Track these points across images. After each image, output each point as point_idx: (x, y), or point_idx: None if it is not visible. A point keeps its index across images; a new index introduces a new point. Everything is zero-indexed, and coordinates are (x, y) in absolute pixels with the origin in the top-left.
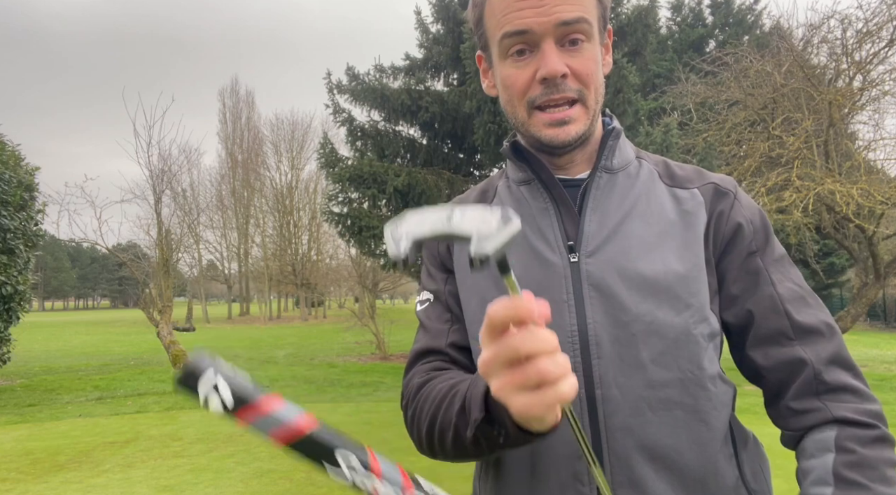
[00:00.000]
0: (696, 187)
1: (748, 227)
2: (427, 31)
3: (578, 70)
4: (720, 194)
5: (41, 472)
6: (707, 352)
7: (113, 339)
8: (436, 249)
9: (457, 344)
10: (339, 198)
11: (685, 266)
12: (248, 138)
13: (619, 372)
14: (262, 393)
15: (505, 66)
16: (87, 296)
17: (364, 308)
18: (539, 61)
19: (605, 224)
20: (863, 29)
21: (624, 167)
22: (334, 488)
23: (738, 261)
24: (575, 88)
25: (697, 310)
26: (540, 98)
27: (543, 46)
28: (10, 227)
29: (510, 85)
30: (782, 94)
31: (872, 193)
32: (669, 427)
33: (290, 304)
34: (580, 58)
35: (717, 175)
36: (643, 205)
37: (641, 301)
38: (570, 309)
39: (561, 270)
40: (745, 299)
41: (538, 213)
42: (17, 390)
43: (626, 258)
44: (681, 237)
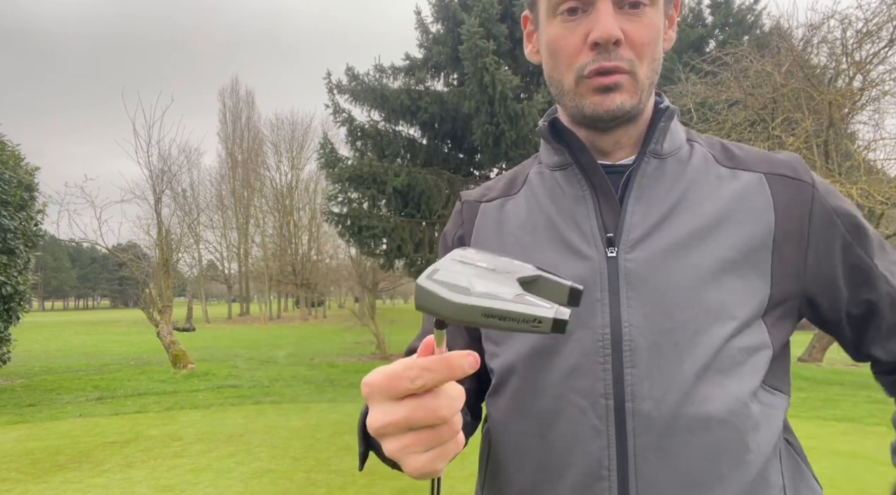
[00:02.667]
0: (764, 173)
1: (837, 220)
2: (427, 31)
3: (634, 37)
4: (797, 188)
5: (41, 472)
6: (750, 367)
7: (113, 339)
8: (448, 239)
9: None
10: (339, 198)
11: (736, 271)
12: (248, 138)
13: (655, 384)
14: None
15: (553, 25)
16: (87, 296)
17: (364, 308)
18: (592, 22)
19: (650, 215)
20: (863, 29)
21: (674, 151)
22: (334, 488)
23: (836, 261)
24: (627, 58)
25: (744, 321)
26: (590, 65)
27: (598, 5)
28: (10, 227)
29: (557, 48)
30: (782, 94)
31: (872, 193)
32: (708, 450)
33: (290, 304)
34: (639, 23)
35: (785, 157)
36: (694, 194)
37: (688, 306)
38: (604, 308)
39: (596, 265)
40: (858, 296)
41: (574, 202)
42: (17, 390)
43: (673, 255)
44: (737, 234)
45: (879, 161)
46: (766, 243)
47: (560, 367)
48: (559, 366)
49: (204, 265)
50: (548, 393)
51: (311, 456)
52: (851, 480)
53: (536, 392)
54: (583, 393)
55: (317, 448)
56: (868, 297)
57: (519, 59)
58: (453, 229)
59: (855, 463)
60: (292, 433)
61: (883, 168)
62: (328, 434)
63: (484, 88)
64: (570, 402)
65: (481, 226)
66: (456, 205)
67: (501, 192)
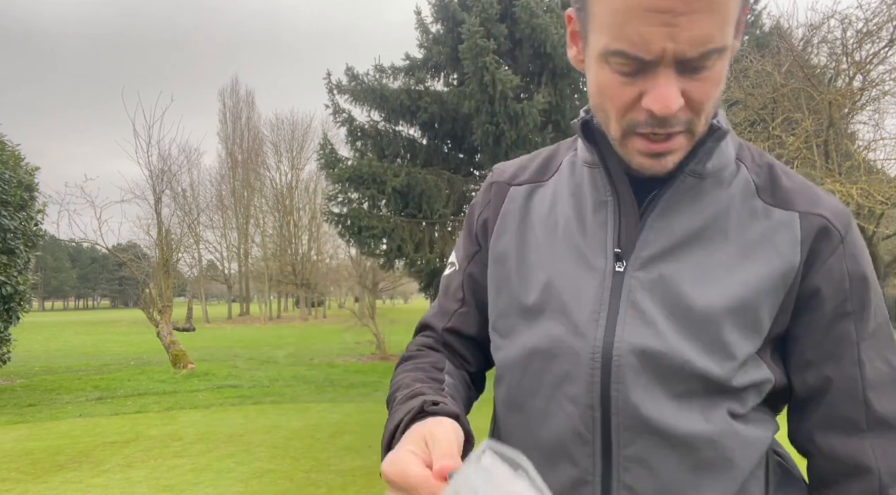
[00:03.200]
0: (800, 212)
1: (844, 285)
2: (427, 31)
3: (696, 97)
4: (825, 234)
5: (41, 472)
6: (742, 400)
7: (113, 339)
8: (474, 216)
9: (455, 329)
10: (339, 198)
11: (745, 312)
12: (248, 138)
13: (641, 403)
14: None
15: (603, 73)
16: (87, 296)
17: (364, 308)
18: (649, 85)
19: (669, 236)
20: (863, 29)
21: (717, 172)
22: (334, 488)
23: (824, 323)
24: (685, 119)
25: (743, 362)
26: (642, 127)
27: (659, 74)
28: (10, 227)
29: (607, 96)
30: (782, 94)
31: (872, 193)
32: (690, 466)
33: (290, 304)
34: (702, 82)
35: (832, 202)
36: (722, 225)
37: (683, 337)
38: (600, 322)
39: (601, 278)
40: (821, 369)
41: (595, 207)
42: (17, 390)
43: (682, 281)
44: (754, 277)
45: (879, 161)
46: (786, 282)
47: (554, 371)
48: (554, 370)
49: (204, 265)
50: (541, 394)
51: (311, 456)
52: None
53: (531, 391)
54: (573, 399)
55: (317, 448)
56: (829, 374)
57: (519, 58)
58: (479, 208)
59: None
60: (292, 433)
61: (883, 168)
62: (328, 434)
63: (484, 88)
64: (560, 407)
65: (506, 213)
66: (488, 178)
67: (533, 177)
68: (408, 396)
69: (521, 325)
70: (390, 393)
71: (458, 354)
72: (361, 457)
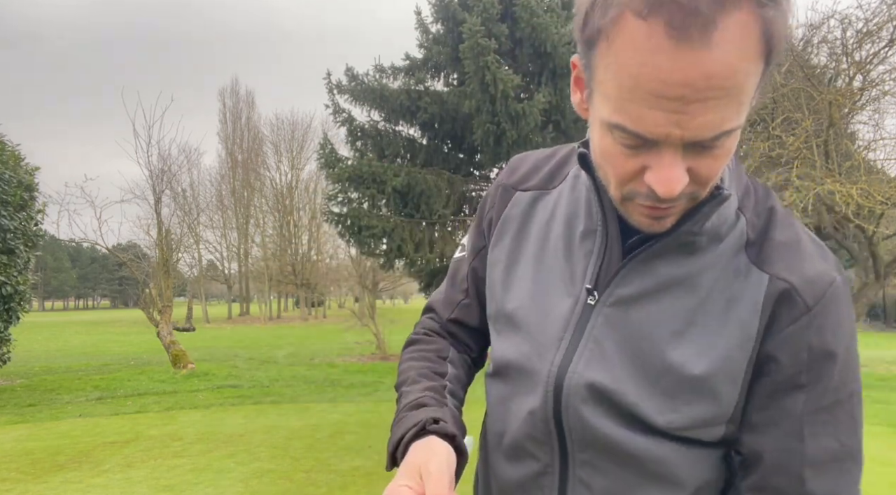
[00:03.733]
0: (770, 274)
1: (801, 356)
2: (427, 31)
3: (702, 176)
4: (787, 302)
5: (41, 472)
6: (680, 455)
7: (113, 339)
8: (484, 211)
9: (459, 320)
10: (339, 198)
11: (700, 375)
12: (248, 138)
13: (588, 429)
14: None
15: (606, 140)
16: (87, 296)
17: (364, 308)
18: (653, 161)
19: (646, 281)
20: (863, 29)
21: (714, 229)
22: (334, 488)
23: (773, 389)
24: (689, 192)
25: (688, 418)
26: (642, 199)
27: (664, 153)
28: (10, 227)
29: (608, 161)
30: (782, 94)
31: (872, 193)
32: (637, 478)
33: (290, 304)
34: (710, 160)
35: (812, 268)
36: (705, 278)
37: (631, 381)
38: (560, 349)
39: (572, 305)
40: (762, 434)
41: (585, 232)
42: (17, 390)
43: (647, 328)
44: (717, 341)
45: (879, 161)
46: (744, 353)
47: (520, 381)
48: (520, 380)
49: (204, 265)
50: (514, 397)
51: (311, 456)
52: None
53: (507, 392)
54: (531, 412)
55: (317, 448)
56: (768, 441)
57: (519, 58)
58: (489, 205)
59: None
60: (292, 433)
61: (883, 168)
62: (328, 434)
63: (485, 87)
64: (523, 414)
65: (508, 219)
66: (500, 176)
67: (541, 184)
68: (413, 405)
69: (504, 330)
70: (398, 383)
71: (461, 341)
72: (361, 457)
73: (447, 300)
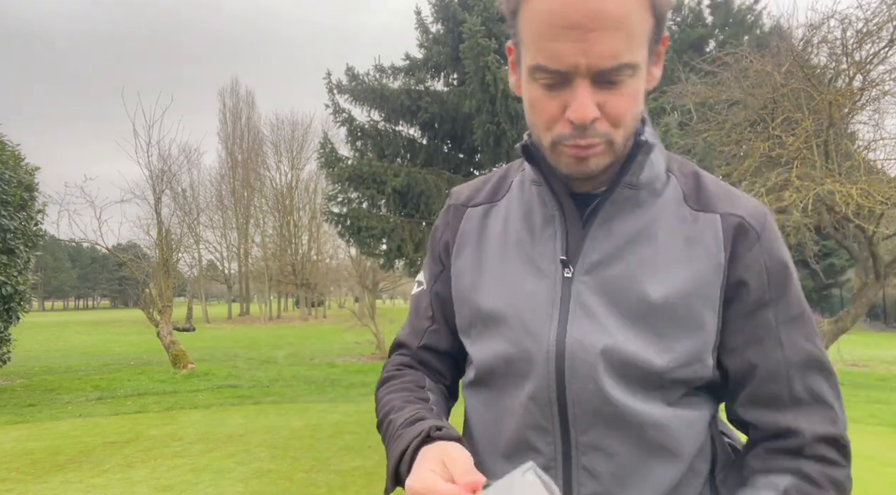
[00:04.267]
0: (721, 214)
1: (763, 277)
2: (427, 31)
3: (612, 111)
4: (743, 233)
5: (41, 472)
6: (674, 392)
7: (113, 339)
8: (436, 239)
9: (430, 346)
10: (339, 198)
11: (682, 307)
12: (248, 138)
13: (593, 395)
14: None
15: (532, 89)
16: (87, 296)
17: (364, 308)
18: (569, 97)
19: (609, 243)
20: (863, 29)
21: (650, 183)
22: (334, 488)
23: (746, 311)
24: (603, 131)
25: (682, 354)
26: (566, 139)
27: (576, 85)
28: (10, 227)
29: (536, 110)
30: (782, 94)
31: (872, 193)
32: (641, 449)
33: (290, 304)
34: (618, 95)
35: (749, 203)
36: (656, 231)
37: (625, 331)
38: (553, 323)
39: (552, 283)
40: (745, 354)
41: (543, 220)
42: (17, 390)
43: (622, 284)
44: (687, 275)
45: (879, 161)
46: (718, 278)
47: (515, 373)
48: (514, 372)
49: (204, 265)
50: (506, 394)
51: (311, 456)
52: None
53: (497, 392)
54: (532, 397)
55: (317, 448)
56: (752, 357)
57: None
58: (441, 230)
59: (855, 463)
60: (292, 433)
61: (883, 168)
62: (328, 434)
63: (485, 87)
64: (521, 404)
65: (464, 233)
66: (446, 202)
67: (487, 198)
68: (409, 421)
69: (485, 332)
70: (381, 415)
71: (434, 369)
72: (361, 457)
73: (413, 331)
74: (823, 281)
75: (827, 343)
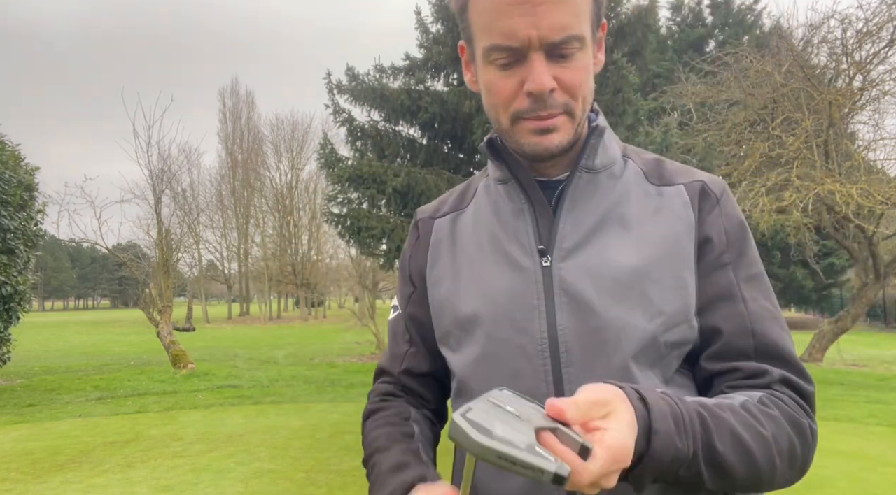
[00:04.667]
0: (683, 184)
1: (722, 237)
2: (427, 31)
3: (567, 82)
4: (705, 195)
5: (41, 472)
6: (673, 357)
7: (113, 339)
8: (406, 260)
9: (411, 370)
10: (339, 198)
11: (662, 270)
12: (248, 138)
13: (588, 379)
14: None
15: (488, 72)
16: (87, 296)
17: (364, 308)
18: (526, 72)
19: (580, 226)
20: (863, 29)
21: (607, 166)
22: (334, 488)
23: (710, 269)
24: (562, 102)
25: (672, 316)
26: (526, 113)
27: (532, 59)
28: (10, 227)
29: (494, 91)
30: (782, 94)
31: (872, 193)
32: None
33: (290, 304)
34: (570, 68)
35: (708, 175)
36: (623, 207)
37: (613, 305)
38: (541, 315)
39: (532, 275)
40: (713, 312)
41: (514, 215)
42: (17, 390)
43: (600, 261)
44: (661, 239)
45: (879, 161)
46: (690, 239)
47: (504, 372)
48: (503, 370)
49: (204, 265)
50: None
51: (311, 456)
52: (851, 480)
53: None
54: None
55: (317, 448)
56: (717, 315)
57: None
58: (409, 250)
59: (855, 463)
60: (292, 433)
61: (883, 168)
62: (328, 434)
63: None
64: None
65: (436, 243)
66: (413, 221)
67: (453, 207)
68: (394, 467)
69: (465, 337)
70: (367, 454)
71: (417, 394)
72: (361, 457)
73: (393, 357)
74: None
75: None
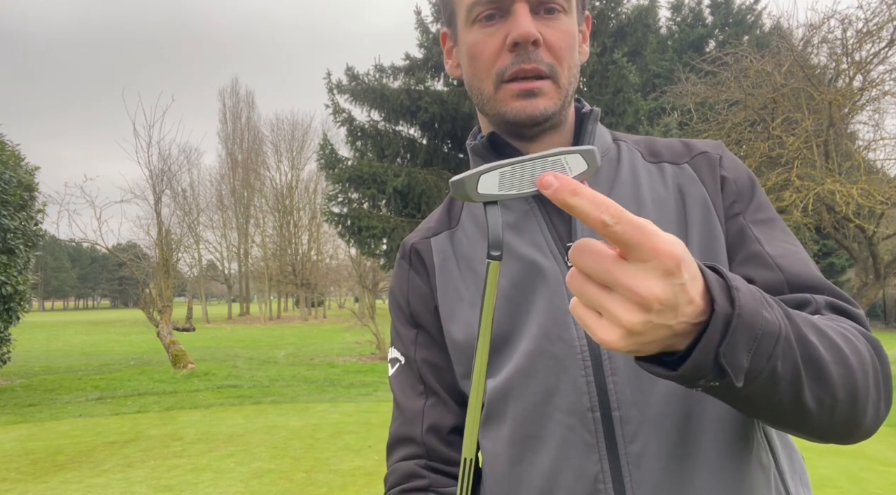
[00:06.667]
0: (687, 162)
1: (732, 187)
2: (427, 31)
3: (552, 40)
4: (706, 160)
5: (41, 472)
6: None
7: (113, 339)
8: (404, 300)
9: (436, 427)
10: (339, 198)
11: (692, 250)
12: (248, 138)
13: (636, 388)
14: None
15: (471, 33)
16: (87, 296)
17: (364, 308)
18: (510, 26)
19: None
20: (863, 29)
21: (605, 152)
22: (334, 488)
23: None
24: (547, 62)
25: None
26: (510, 68)
27: (515, 8)
28: (10, 227)
29: (476, 54)
30: (782, 94)
31: (872, 193)
32: (698, 444)
33: (290, 304)
34: (555, 28)
35: (703, 142)
36: (631, 188)
37: None
38: (576, 322)
39: (558, 277)
40: (732, 262)
41: (522, 217)
42: (17, 390)
43: None
44: (679, 217)
45: (879, 161)
46: (708, 208)
47: (540, 389)
48: (539, 387)
49: (204, 265)
50: (533, 418)
51: (311, 456)
52: (851, 480)
53: (521, 418)
54: (568, 410)
55: (317, 448)
56: (738, 264)
57: None
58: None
59: (855, 463)
60: (292, 433)
61: (883, 168)
62: (328, 434)
63: None
64: (557, 422)
65: (442, 263)
66: (400, 251)
67: (442, 226)
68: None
69: (494, 359)
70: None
71: (448, 460)
72: (361, 457)
73: (409, 418)
74: None
75: None
